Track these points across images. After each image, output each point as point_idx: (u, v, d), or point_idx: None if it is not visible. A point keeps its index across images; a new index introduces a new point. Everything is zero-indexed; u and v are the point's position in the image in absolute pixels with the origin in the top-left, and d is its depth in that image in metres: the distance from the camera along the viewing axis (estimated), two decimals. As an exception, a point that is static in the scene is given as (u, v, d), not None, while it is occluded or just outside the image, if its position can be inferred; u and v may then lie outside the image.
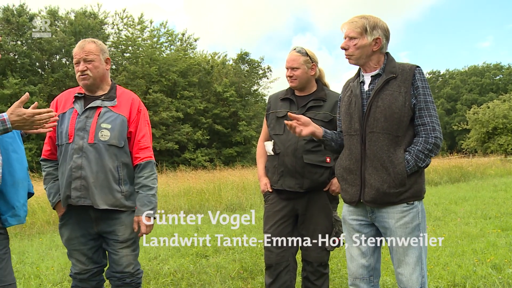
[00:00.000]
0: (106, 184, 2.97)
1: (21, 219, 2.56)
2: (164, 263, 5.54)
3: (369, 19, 2.69)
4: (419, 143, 2.61)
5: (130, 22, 36.24)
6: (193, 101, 35.56)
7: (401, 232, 2.63)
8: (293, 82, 3.50)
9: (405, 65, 2.70)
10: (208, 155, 34.83)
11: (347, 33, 2.71)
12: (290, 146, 3.39)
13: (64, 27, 32.57)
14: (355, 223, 2.80)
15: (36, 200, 10.42)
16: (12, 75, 28.26)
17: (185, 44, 40.57)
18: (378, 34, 2.67)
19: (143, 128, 3.14)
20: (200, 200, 11.53)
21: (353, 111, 2.75)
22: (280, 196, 3.49)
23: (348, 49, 2.72)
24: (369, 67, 2.75)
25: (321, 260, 3.43)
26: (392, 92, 2.62)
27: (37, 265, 5.70)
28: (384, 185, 2.60)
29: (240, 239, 3.90)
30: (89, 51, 3.01)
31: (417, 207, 2.65)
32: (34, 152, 26.10)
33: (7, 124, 2.31)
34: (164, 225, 8.75)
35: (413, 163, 2.58)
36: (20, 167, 2.56)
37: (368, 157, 2.65)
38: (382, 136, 2.61)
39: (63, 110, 3.09)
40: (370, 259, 2.80)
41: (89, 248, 3.09)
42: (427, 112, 2.62)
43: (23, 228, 8.91)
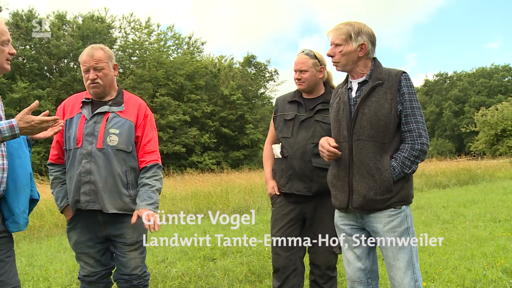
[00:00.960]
0: (115, 189, 2.98)
1: (20, 227, 2.53)
2: (172, 266, 5.54)
3: (354, 25, 2.71)
4: (405, 150, 2.62)
5: (137, 26, 36.41)
6: (200, 104, 35.64)
7: (389, 236, 2.65)
8: (301, 85, 3.49)
9: (392, 71, 2.70)
10: (215, 158, 34.87)
11: (333, 40, 2.73)
12: (299, 149, 3.37)
13: (72, 31, 32.78)
14: (347, 228, 2.83)
15: (45, 203, 10.46)
16: (21, 79, 28.46)
17: (192, 48, 40.68)
18: (363, 40, 2.69)
19: (150, 133, 3.15)
20: (207, 203, 11.53)
21: (341, 117, 2.76)
22: (287, 200, 3.48)
23: (334, 56, 2.74)
24: (356, 73, 2.76)
25: (329, 264, 3.42)
26: (378, 99, 2.64)
27: (46, 267, 5.72)
28: (370, 192, 2.62)
29: (240, 239, 3.90)
30: (99, 59, 3.01)
31: (405, 211, 2.67)
32: (42, 155, 26.25)
33: (15, 130, 2.33)
34: (169, 225, 8.77)
35: (399, 170, 2.60)
36: (22, 173, 2.55)
37: (355, 164, 2.68)
38: (369, 143, 2.63)
39: (70, 115, 3.10)
40: (366, 262, 2.81)
41: (97, 251, 3.10)
42: (413, 118, 2.63)
43: (31, 231, 8.95)
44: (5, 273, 2.51)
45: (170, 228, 8.69)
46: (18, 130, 2.33)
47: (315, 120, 3.41)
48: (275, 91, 44.36)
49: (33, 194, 2.70)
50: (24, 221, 2.54)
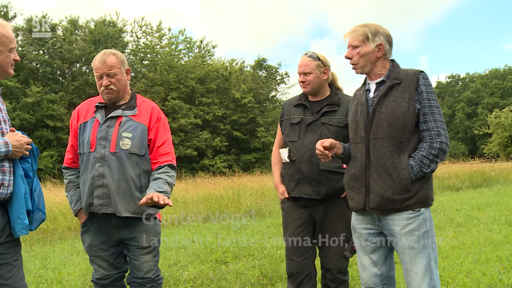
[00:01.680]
0: (128, 192, 2.99)
1: (16, 233, 2.51)
2: (184, 269, 5.55)
3: (370, 26, 2.71)
4: (424, 148, 2.58)
5: (149, 30, 36.62)
6: (212, 108, 35.73)
7: (407, 239, 2.59)
8: (306, 87, 3.48)
9: (409, 71, 2.68)
10: (226, 161, 34.92)
11: (350, 42, 2.73)
12: (306, 152, 3.36)
13: (84, 35, 33.04)
14: (364, 232, 2.79)
15: (58, 206, 10.55)
16: (34, 83, 28.73)
17: (203, 51, 40.82)
18: (380, 40, 2.69)
19: (164, 135, 3.15)
20: (219, 206, 11.54)
21: (359, 118, 2.75)
22: (297, 204, 3.47)
23: (352, 58, 2.73)
24: (374, 75, 2.75)
25: (340, 267, 3.40)
26: (395, 98, 2.62)
27: (59, 270, 5.76)
28: (387, 191, 2.58)
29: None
30: (112, 65, 3.03)
31: (423, 214, 2.60)
32: (55, 159, 26.46)
33: (9, 146, 2.44)
34: (181, 228, 8.79)
35: (418, 169, 2.55)
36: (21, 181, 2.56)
37: (372, 163, 2.65)
38: (386, 142, 2.61)
39: (84, 119, 3.13)
40: (382, 268, 2.77)
41: (110, 254, 3.12)
42: (431, 117, 2.60)
43: (45, 234, 9.01)
44: (12, 276, 2.53)
45: (181, 231, 8.71)
46: (12, 147, 2.44)
47: (321, 123, 3.40)
48: (286, 94, 44.43)
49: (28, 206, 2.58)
50: (19, 227, 2.49)
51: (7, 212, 2.53)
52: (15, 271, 2.56)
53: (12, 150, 2.44)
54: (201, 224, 9.81)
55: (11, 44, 2.52)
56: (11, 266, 2.54)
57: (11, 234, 2.53)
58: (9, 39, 2.50)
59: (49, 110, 28.02)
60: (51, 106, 28.10)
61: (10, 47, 2.51)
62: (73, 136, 3.20)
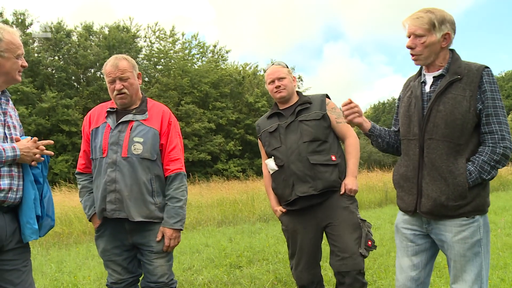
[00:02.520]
0: (140, 197, 3.00)
1: (25, 237, 2.52)
2: (198, 273, 5.54)
3: (436, 13, 2.43)
4: (485, 153, 2.37)
5: (162, 35, 36.81)
6: (225, 112, 35.77)
7: (459, 247, 2.42)
8: (282, 92, 3.50)
9: (472, 65, 2.43)
10: (240, 165, 34.90)
11: (413, 30, 2.45)
12: (293, 153, 3.35)
13: (99, 41, 33.31)
14: (409, 233, 2.63)
15: (73, 210, 10.63)
16: (50, 89, 29.01)
17: (216, 56, 40.92)
18: (447, 29, 2.43)
19: (174, 140, 3.15)
20: (233, 210, 11.54)
21: (413, 113, 2.55)
22: (296, 214, 3.41)
23: (415, 48, 2.47)
24: (433, 66, 2.51)
25: (359, 267, 3.23)
26: (455, 95, 2.39)
27: (75, 274, 5.79)
28: (442, 197, 2.40)
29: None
30: (124, 69, 3.05)
31: (478, 221, 2.42)
32: (70, 163, 26.67)
33: (17, 151, 2.45)
34: (196, 233, 8.80)
35: (477, 175, 2.36)
36: (30, 187, 2.56)
37: (426, 165, 2.47)
38: (442, 143, 2.41)
39: (96, 124, 3.15)
40: (421, 273, 2.61)
41: (124, 258, 3.12)
42: (495, 119, 2.36)
43: (60, 238, 9.09)
44: (21, 282, 2.54)
45: (196, 235, 8.72)
46: (19, 152, 2.45)
47: (299, 121, 3.41)
48: (300, 97, 44.13)
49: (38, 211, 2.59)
50: (28, 231, 2.50)
51: (18, 218, 2.54)
52: (24, 277, 2.57)
53: (20, 155, 2.46)
54: (215, 228, 9.81)
55: (18, 50, 2.55)
56: (20, 272, 2.55)
57: (21, 240, 2.55)
58: (16, 46, 2.53)
59: (64, 115, 28.27)
60: (66, 111, 28.36)
61: (17, 54, 2.54)
62: (85, 142, 3.22)
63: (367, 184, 14.91)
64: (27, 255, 2.64)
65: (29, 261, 2.65)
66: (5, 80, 2.57)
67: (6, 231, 2.47)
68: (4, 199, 2.42)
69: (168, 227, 3.02)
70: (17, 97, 26.39)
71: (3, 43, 2.49)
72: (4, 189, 2.41)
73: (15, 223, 2.53)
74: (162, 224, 3.04)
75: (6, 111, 2.58)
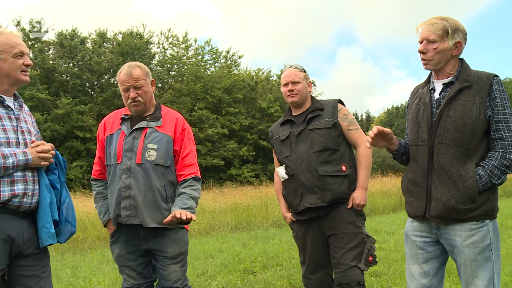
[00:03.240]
0: (154, 203, 3.01)
1: (42, 241, 2.52)
2: (212, 279, 5.54)
3: (450, 21, 2.49)
4: (495, 158, 2.41)
5: (175, 41, 37.00)
6: (238, 117, 35.80)
7: (469, 251, 2.43)
8: (294, 96, 3.47)
9: (481, 74, 2.49)
10: (253, 171, 34.85)
11: (426, 36, 2.51)
12: (303, 162, 3.33)
13: (112, 48, 33.57)
14: (419, 240, 2.63)
15: (87, 216, 10.70)
16: (65, 95, 29.28)
17: (229, 62, 41.03)
18: (459, 38, 2.49)
19: (188, 146, 3.17)
20: (247, 216, 11.52)
21: (421, 119, 2.58)
22: (304, 222, 3.42)
23: (427, 53, 2.52)
24: (443, 73, 2.57)
25: (359, 278, 3.22)
26: (465, 102, 2.43)
27: (89, 279, 5.82)
28: (451, 200, 2.42)
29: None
30: (138, 77, 3.06)
31: (488, 225, 2.44)
32: (84, 169, 26.86)
33: (28, 155, 2.47)
34: (209, 238, 8.80)
35: (487, 179, 2.39)
36: (45, 191, 2.58)
37: (435, 169, 2.49)
38: (452, 148, 2.44)
39: (110, 131, 3.17)
40: (432, 280, 2.60)
41: (138, 264, 3.13)
42: (505, 125, 2.41)
43: (75, 243, 9.14)
44: None
45: (209, 241, 8.71)
46: (31, 156, 2.47)
47: (309, 130, 3.38)
48: (313, 103, 44.02)
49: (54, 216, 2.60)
50: (45, 235, 2.51)
51: (35, 223, 2.55)
52: (43, 283, 2.57)
53: (33, 159, 2.47)
54: (229, 234, 9.80)
55: (15, 49, 2.53)
56: (38, 278, 2.56)
57: (39, 246, 2.55)
58: (10, 45, 2.52)
59: (78, 121, 28.49)
60: (80, 117, 28.58)
61: (14, 53, 2.52)
62: (100, 148, 3.25)
63: (381, 189, 14.83)
64: (46, 261, 2.65)
65: (48, 267, 2.65)
66: (10, 82, 2.57)
67: (23, 236, 2.48)
68: (19, 204, 2.44)
69: (178, 208, 2.90)
70: (32, 103, 26.67)
71: None
72: (19, 194, 2.43)
73: (33, 228, 2.54)
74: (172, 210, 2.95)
75: (19, 116, 2.59)
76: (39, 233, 2.53)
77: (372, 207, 12.31)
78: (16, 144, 2.50)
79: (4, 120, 2.49)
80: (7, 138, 2.46)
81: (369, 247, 3.27)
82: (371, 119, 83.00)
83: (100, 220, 3.24)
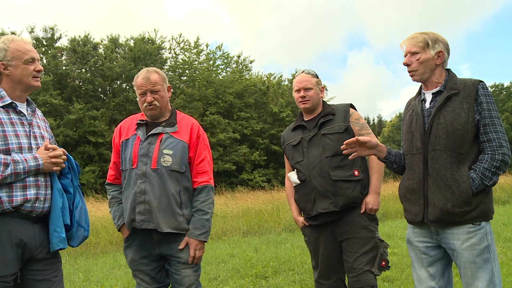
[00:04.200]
0: (169, 208, 3.02)
1: (53, 246, 2.54)
2: (224, 283, 5.53)
3: (429, 34, 2.68)
4: (485, 160, 2.51)
5: (187, 47, 37.15)
6: (250, 122, 35.82)
7: (468, 254, 2.51)
8: (306, 103, 3.46)
9: (467, 81, 2.63)
10: (265, 175, 34.82)
11: (409, 49, 2.69)
12: (315, 167, 3.32)
13: (124, 53, 33.79)
14: (421, 245, 2.71)
15: (100, 220, 10.75)
16: (77, 101, 29.51)
17: (240, 66, 41.11)
18: (440, 48, 2.66)
19: (202, 153, 3.18)
20: (258, 221, 11.50)
21: (415, 129, 2.71)
22: (317, 227, 3.40)
23: (411, 65, 2.70)
24: (431, 83, 2.72)
25: (371, 283, 3.21)
26: (454, 108, 2.57)
27: (102, 283, 5.84)
28: (448, 204, 2.52)
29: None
30: (155, 81, 3.09)
31: (484, 227, 2.54)
32: (96, 174, 27.00)
33: (39, 160, 2.49)
34: (221, 243, 8.79)
35: (479, 181, 2.49)
36: (57, 195, 2.59)
37: (430, 175, 2.59)
38: (445, 153, 2.55)
39: (126, 136, 3.19)
40: (439, 281, 2.67)
41: (152, 268, 3.14)
42: (492, 128, 2.53)
43: (88, 247, 9.19)
44: None
45: (221, 245, 8.71)
46: (42, 161, 2.49)
47: (321, 135, 3.38)
48: (324, 107, 43.90)
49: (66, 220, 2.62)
50: (56, 240, 2.53)
51: (48, 228, 2.56)
52: (54, 287, 2.59)
53: (44, 164, 2.49)
54: (241, 239, 9.79)
55: (26, 56, 2.56)
56: (50, 283, 2.57)
57: (49, 251, 2.57)
58: (22, 52, 2.56)
59: (91, 127, 28.67)
60: (93, 123, 28.77)
61: (25, 59, 2.56)
62: (115, 153, 3.27)
63: (393, 194, 14.69)
64: (58, 266, 2.66)
65: (60, 271, 2.67)
66: (22, 88, 2.60)
67: (35, 241, 2.50)
68: (31, 209, 2.46)
69: (194, 238, 3.05)
70: (45, 109, 26.91)
71: (9, 53, 2.53)
72: (31, 199, 2.45)
73: (45, 233, 2.56)
74: (187, 234, 3.06)
75: (31, 122, 2.61)
76: (50, 237, 2.55)
77: (384, 212, 12.23)
78: (29, 150, 2.52)
79: (16, 126, 2.52)
80: (19, 144, 2.48)
81: (382, 251, 3.26)
82: (383, 123, 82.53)
83: (114, 225, 3.26)
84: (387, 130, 67.01)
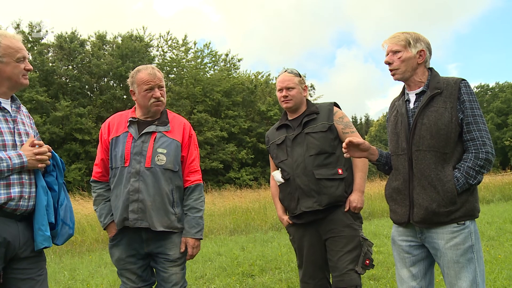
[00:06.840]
0: (162, 207, 3.03)
1: (37, 244, 2.50)
2: (210, 282, 5.53)
3: (410, 33, 2.68)
4: (469, 159, 2.51)
5: (175, 44, 37.04)
6: (237, 121, 35.84)
7: (452, 253, 2.51)
8: (288, 102, 3.46)
9: (450, 79, 2.62)
10: (252, 174, 34.88)
11: (390, 48, 2.70)
12: (298, 166, 3.33)
13: (112, 50, 33.59)
14: (405, 244, 2.71)
15: (86, 218, 10.69)
16: (64, 98, 29.30)
17: (228, 65, 41.07)
18: (421, 47, 2.66)
19: (193, 152, 3.22)
20: (245, 219, 11.52)
21: (400, 130, 2.70)
22: (302, 225, 3.41)
23: (393, 63, 2.69)
24: (413, 83, 2.70)
25: (355, 283, 3.21)
26: (437, 108, 2.56)
27: (88, 282, 5.81)
28: (433, 204, 2.51)
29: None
30: (161, 78, 3.15)
31: (469, 227, 2.53)
32: (83, 171, 26.84)
33: (23, 157, 2.45)
34: (208, 241, 8.79)
35: (463, 181, 2.48)
36: (42, 193, 2.56)
37: (415, 176, 2.59)
38: (429, 153, 2.54)
39: (116, 133, 3.16)
40: (421, 282, 2.68)
41: (138, 267, 3.13)
42: (475, 126, 2.52)
43: (73, 246, 9.13)
44: None
45: (208, 244, 8.71)
46: (26, 158, 2.46)
47: (305, 134, 3.38)
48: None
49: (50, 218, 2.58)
50: (40, 239, 2.49)
51: (32, 226, 2.53)
52: (38, 286, 2.55)
53: (28, 161, 2.46)
54: (228, 237, 9.80)
55: (18, 54, 2.54)
56: (34, 282, 2.54)
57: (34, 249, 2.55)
58: (15, 49, 2.53)
59: (77, 124, 28.49)
60: (79, 120, 28.59)
61: (17, 57, 2.53)
62: (103, 150, 3.23)
63: (380, 193, 14.79)
64: (42, 264, 2.63)
65: (44, 270, 2.64)
66: (9, 85, 2.57)
67: (19, 239, 2.47)
68: (15, 208, 2.43)
69: (190, 236, 3.09)
70: (31, 106, 26.67)
71: (1, 49, 2.50)
72: (15, 197, 2.42)
73: (29, 231, 2.53)
74: (184, 234, 3.09)
75: (15, 118, 2.58)
76: (34, 236, 2.51)
77: (370, 211, 12.31)
78: (13, 147, 2.48)
79: (0, 123, 2.49)
80: (3, 141, 2.45)
81: (366, 250, 3.27)
82: (370, 122, 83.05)
83: (101, 223, 3.22)
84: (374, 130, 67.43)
